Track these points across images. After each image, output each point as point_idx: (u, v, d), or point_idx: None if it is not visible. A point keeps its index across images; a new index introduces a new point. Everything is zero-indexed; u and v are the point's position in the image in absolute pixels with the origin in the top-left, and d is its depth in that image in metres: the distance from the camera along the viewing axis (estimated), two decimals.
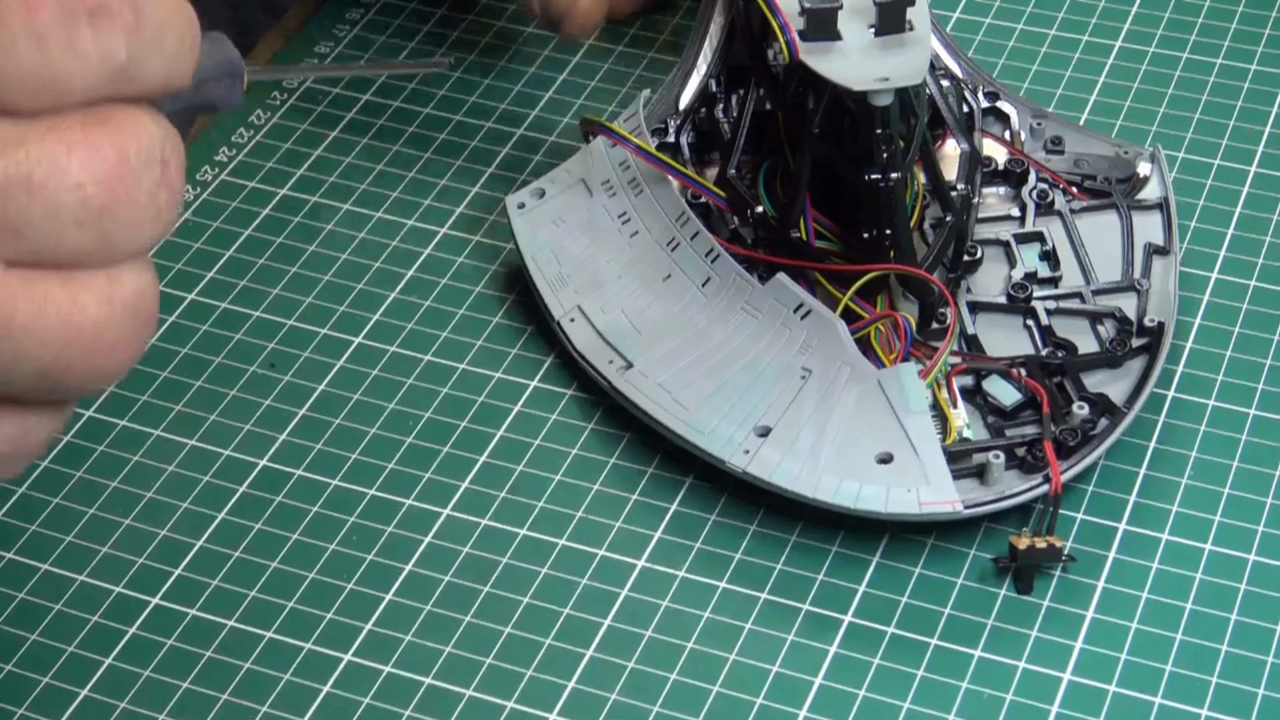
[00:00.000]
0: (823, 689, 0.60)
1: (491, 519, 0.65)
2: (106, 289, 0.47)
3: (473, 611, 0.63)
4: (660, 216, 0.71)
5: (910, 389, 0.64)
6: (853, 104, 0.66)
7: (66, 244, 0.46)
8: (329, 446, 0.68)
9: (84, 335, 0.47)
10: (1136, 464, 0.66)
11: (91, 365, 0.47)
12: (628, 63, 0.82)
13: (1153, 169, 0.73)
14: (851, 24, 0.67)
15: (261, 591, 0.63)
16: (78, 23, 0.45)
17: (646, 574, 0.63)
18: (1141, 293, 0.69)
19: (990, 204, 0.73)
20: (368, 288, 0.73)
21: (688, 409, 0.65)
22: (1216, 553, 0.63)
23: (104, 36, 0.46)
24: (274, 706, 0.60)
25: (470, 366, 0.70)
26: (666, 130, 0.74)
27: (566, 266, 0.71)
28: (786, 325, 0.67)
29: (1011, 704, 0.59)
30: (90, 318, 0.47)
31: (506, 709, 0.60)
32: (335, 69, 0.59)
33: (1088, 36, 0.82)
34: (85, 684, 0.61)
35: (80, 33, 0.45)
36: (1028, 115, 0.75)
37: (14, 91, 0.45)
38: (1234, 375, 0.68)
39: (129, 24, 0.46)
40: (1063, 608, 0.62)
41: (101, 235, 0.46)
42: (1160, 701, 0.59)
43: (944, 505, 0.62)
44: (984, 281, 0.70)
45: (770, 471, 0.63)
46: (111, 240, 0.46)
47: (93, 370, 0.47)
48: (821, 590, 0.63)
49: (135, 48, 0.46)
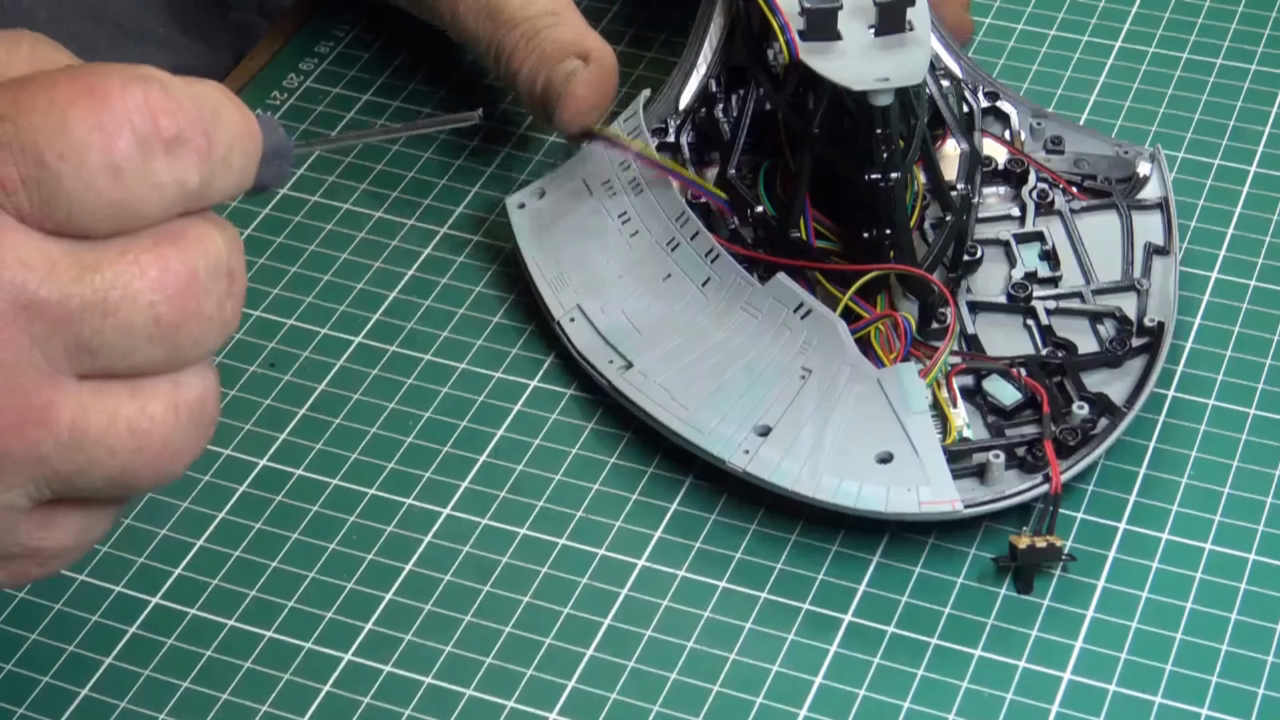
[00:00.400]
0: (823, 688, 0.60)
1: (491, 518, 0.65)
2: (173, 396, 0.48)
3: (473, 611, 0.63)
4: (660, 216, 0.71)
5: (910, 389, 0.64)
6: (853, 104, 0.66)
7: (137, 359, 0.47)
8: (329, 446, 0.68)
9: (152, 443, 0.48)
10: (1136, 464, 0.66)
11: (157, 470, 0.48)
12: (628, 63, 0.82)
13: (1153, 169, 0.73)
14: (851, 24, 0.67)
15: (261, 591, 0.63)
16: (154, 153, 0.46)
17: (646, 573, 0.63)
18: (1141, 293, 0.69)
19: (990, 204, 0.73)
20: (368, 288, 0.73)
21: (688, 409, 0.65)
22: (1216, 552, 0.63)
23: (178, 165, 0.47)
24: (274, 706, 0.60)
25: (470, 366, 0.70)
26: (666, 130, 0.74)
27: (566, 266, 0.71)
28: (786, 325, 0.67)
29: (1011, 703, 0.59)
30: (158, 426, 0.48)
31: (507, 708, 0.60)
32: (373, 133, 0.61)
33: (1088, 36, 0.82)
34: (85, 683, 0.61)
35: (156, 164, 0.46)
36: (1028, 115, 0.75)
37: (90, 219, 0.46)
38: (1234, 375, 0.68)
39: (202, 150, 0.47)
40: (1063, 607, 0.62)
41: (171, 348, 0.47)
42: (1160, 701, 0.59)
43: (944, 505, 0.62)
44: (984, 281, 0.70)
45: (770, 471, 0.63)
46: (180, 352, 0.48)
47: (158, 474, 0.49)
48: (821, 590, 0.63)
49: (207, 171, 0.47)
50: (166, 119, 0.46)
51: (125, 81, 0.46)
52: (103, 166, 0.46)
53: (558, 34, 0.73)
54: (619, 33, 0.83)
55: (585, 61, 0.72)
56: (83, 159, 0.46)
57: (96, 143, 0.46)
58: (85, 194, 0.46)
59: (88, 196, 0.46)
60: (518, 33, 0.74)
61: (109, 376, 0.47)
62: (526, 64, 0.73)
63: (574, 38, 0.73)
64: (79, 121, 0.46)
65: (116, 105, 0.46)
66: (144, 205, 0.47)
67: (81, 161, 0.46)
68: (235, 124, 0.48)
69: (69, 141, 0.46)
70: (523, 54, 0.73)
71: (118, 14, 0.85)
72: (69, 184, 0.46)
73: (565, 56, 0.73)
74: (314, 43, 0.84)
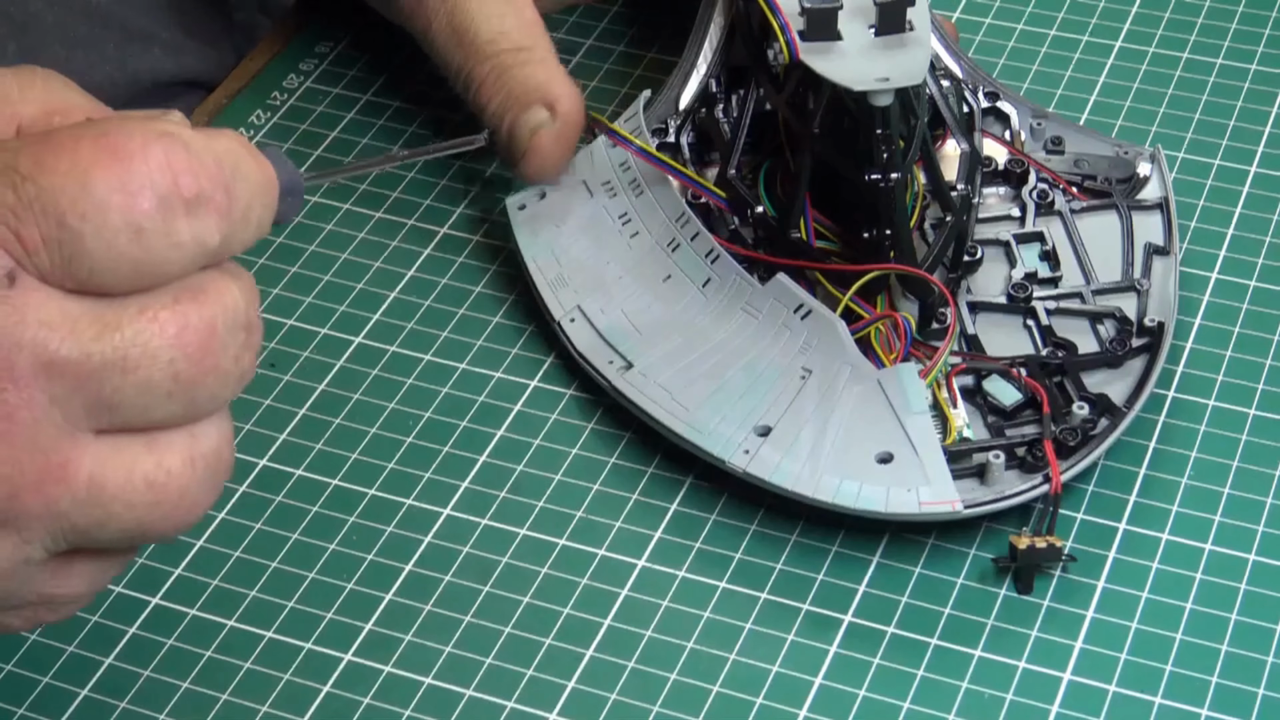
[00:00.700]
0: (823, 689, 0.60)
1: (491, 519, 0.65)
2: (189, 449, 0.49)
3: (473, 611, 0.63)
4: (661, 217, 0.71)
5: (910, 389, 0.64)
6: (853, 104, 0.66)
7: (156, 414, 0.48)
8: (329, 446, 0.68)
9: (169, 496, 0.48)
10: (1136, 464, 0.66)
11: (174, 521, 0.49)
12: (628, 63, 0.82)
13: (1153, 169, 0.73)
14: (852, 24, 0.67)
15: (261, 591, 0.63)
16: (175, 213, 0.47)
17: (646, 574, 0.63)
18: (1141, 293, 0.69)
19: (990, 204, 0.73)
20: (368, 288, 0.73)
21: (688, 409, 0.65)
22: (1216, 552, 0.63)
23: (199, 224, 0.47)
24: (274, 706, 0.60)
25: (470, 366, 0.70)
26: (666, 130, 0.74)
27: (567, 267, 0.71)
28: (787, 326, 0.67)
29: (1011, 704, 0.59)
30: (175, 480, 0.48)
31: (507, 709, 0.60)
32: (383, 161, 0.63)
33: (1088, 36, 0.82)
34: (85, 684, 0.61)
35: (177, 223, 0.47)
36: (1028, 115, 0.75)
37: (111, 278, 0.46)
38: (1234, 375, 0.68)
39: (222, 207, 0.47)
40: (1063, 607, 0.62)
41: (189, 403, 0.48)
42: (1160, 701, 0.59)
43: (944, 505, 0.62)
44: (984, 281, 0.70)
45: (770, 471, 0.63)
46: (197, 406, 0.48)
47: (175, 525, 0.49)
48: (821, 590, 0.63)
49: (227, 228, 0.48)
50: (188, 178, 0.47)
51: (147, 140, 0.47)
52: (124, 227, 0.46)
53: (527, 75, 0.73)
54: (619, 33, 0.83)
55: (552, 111, 0.72)
56: (105, 220, 0.46)
57: (118, 203, 0.46)
58: (107, 254, 0.46)
59: (109, 256, 0.46)
60: (487, 66, 0.73)
61: (126, 431, 0.48)
62: (494, 101, 0.73)
63: (542, 81, 0.73)
64: (101, 182, 0.46)
65: (138, 165, 0.46)
66: (165, 264, 0.47)
67: (103, 222, 0.46)
68: (254, 179, 0.49)
69: (91, 202, 0.46)
70: (490, 89, 0.73)
71: (124, 19, 0.85)
72: (91, 244, 0.46)
73: (532, 102, 0.72)
74: (314, 43, 0.84)
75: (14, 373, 0.46)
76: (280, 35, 0.85)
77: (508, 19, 0.74)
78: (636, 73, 0.81)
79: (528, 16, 0.74)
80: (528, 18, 0.74)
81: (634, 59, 0.82)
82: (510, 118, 0.73)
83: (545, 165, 0.73)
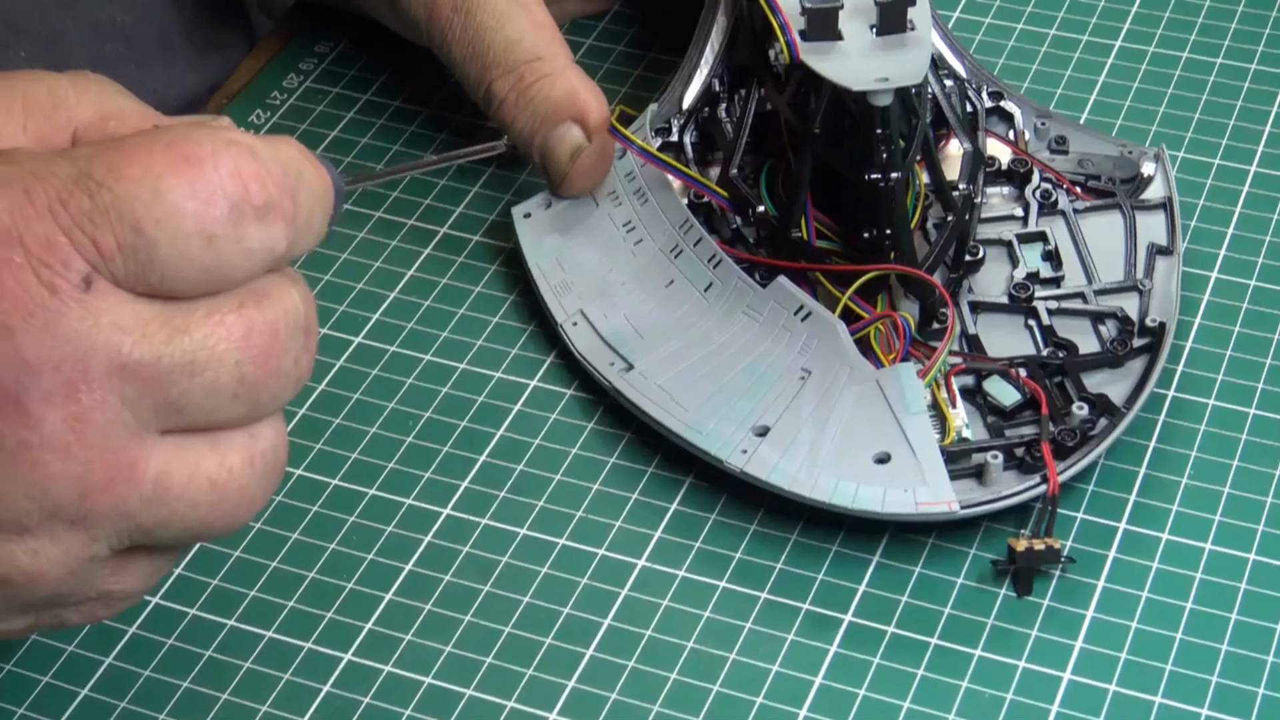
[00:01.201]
0: (823, 688, 0.60)
1: (491, 518, 0.65)
2: (249, 448, 0.50)
3: (473, 611, 0.63)
4: (664, 224, 0.71)
5: (909, 389, 0.64)
6: (853, 104, 0.66)
7: (220, 415, 0.49)
8: (329, 446, 0.68)
9: (230, 494, 0.50)
10: (1136, 464, 0.66)
11: (233, 519, 0.50)
12: (628, 63, 0.82)
13: (1157, 169, 0.73)
14: (852, 24, 0.67)
15: (262, 591, 0.63)
16: (245, 220, 0.48)
17: (646, 573, 0.63)
18: (1144, 293, 0.69)
19: (994, 204, 0.73)
20: (368, 288, 0.73)
21: (687, 409, 0.65)
22: (1216, 552, 0.63)
23: (267, 231, 0.48)
24: (274, 706, 0.60)
25: (470, 366, 0.70)
26: (670, 130, 0.74)
27: (571, 274, 0.71)
28: (787, 327, 0.67)
29: (1011, 704, 0.59)
30: (236, 479, 0.50)
31: (506, 708, 0.60)
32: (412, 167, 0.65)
33: (1088, 36, 0.82)
34: (85, 683, 0.61)
35: (247, 230, 0.48)
36: (1032, 115, 0.75)
37: (182, 284, 0.48)
38: (1234, 375, 0.68)
39: (289, 214, 0.49)
40: (1063, 607, 0.62)
41: (252, 405, 0.49)
42: (1160, 701, 0.59)
43: (940, 505, 0.62)
44: (986, 281, 0.70)
45: (768, 471, 0.63)
46: (259, 407, 0.49)
47: (233, 523, 0.50)
48: (821, 590, 0.63)
49: (293, 234, 0.49)
50: (257, 185, 0.48)
51: (216, 148, 0.48)
52: (197, 233, 0.47)
53: (550, 92, 0.72)
54: (619, 33, 0.83)
55: (583, 125, 0.72)
56: (178, 226, 0.47)
57: (192, 210, 0.47)
58: (179, 260, 0.47)
59: (181, 263, 0.47)
60: (506, 82, 0.73)
61: (190, 431, 0.49)
62: (519, 119, 0.73)
63: (566, 95, 0.72)
64: (175, 189, 0.47)
65: (210, 173, 0.47)
66: (234, 270, 0.48)
67: (177, 229, 0.47)
68: (315, 185, 0.50)
69: (165, 209, 0.47)
70: (513, 107, 0.73)
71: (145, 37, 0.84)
72: (164, 251, 0.47)
73: (561, 119, 0.72)
74: (314, 43, 0.84)
75: (88, 375, 0.47)
76: (280, 35, 0.85)
77: (520, 24, 0.73)
78: (636, 73, 0.81)
79: (539, 19, 0.74)
80: (539, 20, 0.74)
81: (634, 59, 0.82)
82: (540, 137, 0.72)
83: (590, 184, 0.73)
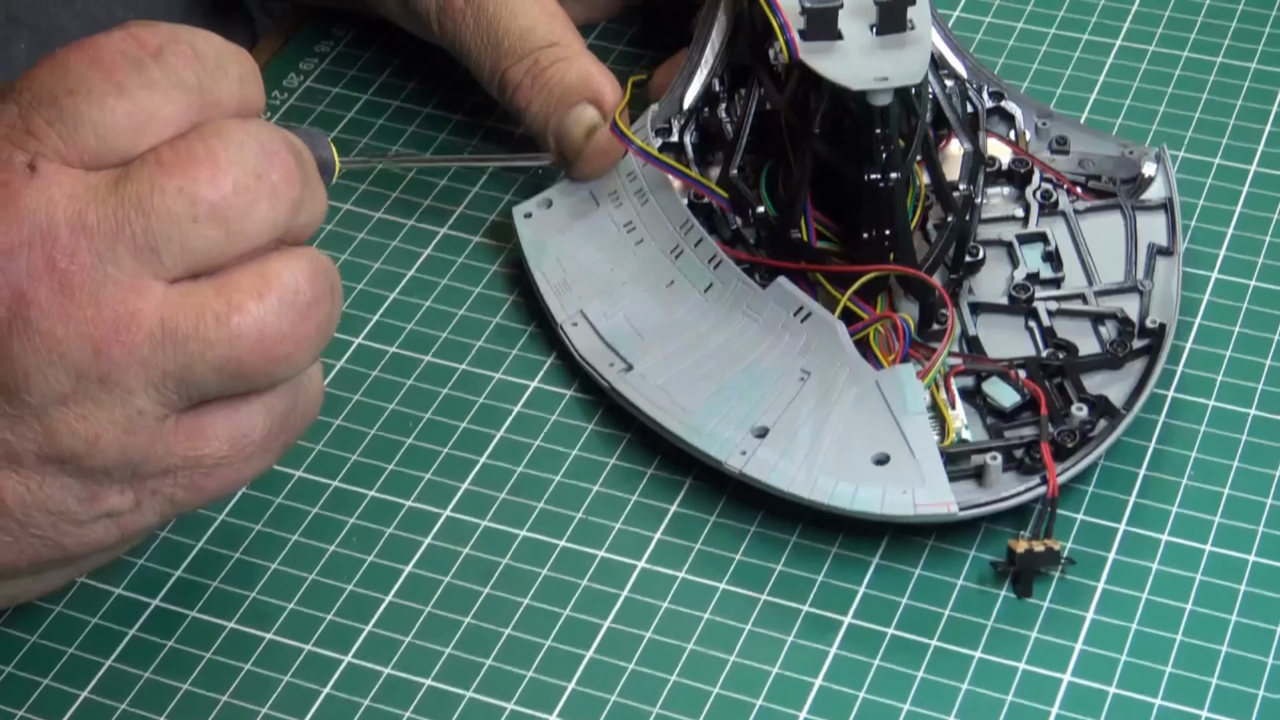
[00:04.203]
0: (823, 690, 0.60)
1: (491, 520, 0.65)
2: (258, 285, 0.54)
3: (473, 613, 0.63)
4: (665, 225, 0.71)
5: (908, 390, 0.64)
6: (852, 104, 0.66)
7: (198, 245, 0.54)
8: (329, 447, 0.68)
9: (246, 332, 0.54)
10: (1136, 465, 0.66)
11: (263, 355, 0.54)
12: (628, 63, 0.82)
13: (1158, 169, 0.73)
14: (852, 23, 0.67)
15: (262, 593, 0.63)
16: (146, 66, 0.54)
17: (646, 575, 0.63)
18: (1144, 294, 0.69)
19: (995, 204, 0.73)
20: (368, 288, 0.73)
21: (686, 410, 0.65)
22: (1216, 554, 0.63)
23: (170, 66, 0.54)
24: (274, 708, 0.60)
25: (470, 367, 0.70)
26: (670, 130, 0.74)
27: (571, 274, 0.71)
28: (786, 328, 0.67)
29: (1011, 705, 0.59)
30: (247, 316, 0.54)
31: (506, 710, 0.60)
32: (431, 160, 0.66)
33: (1088, 36, 0.82)
34: (86, 685, 0.61)
35: (150, 73, 0.53)
36: (1033, 115, 0.74)
37: (113, 134, 0.53)
38: (1234, 375, 0.68)
39: (187, 54, 0.54)
40: (1062, 609, 0.62)
41: (223, 226, 0.54)
42: (1160, 703, 0.59)
43: (939, 507, 0.62)
44: (986, 282, 0.70)
45: (767, 472, 0.63)
46: (232, 227, 0.54)
47: (267, 360, 0.54)
48: (821, 591, 0.63)
49: (197, 67, 0.54)
50: (148, 34, 0.54)
51: (113, 30, 0.54)
52: (109, 88, 0.53)
53: (565, 75, 0.73)
54: (619, 32, 0.83)
55: (599, 106, 0.72)
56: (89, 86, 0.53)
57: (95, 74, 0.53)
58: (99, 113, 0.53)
59: (103, 114, 0.53)
60: (521, 68, 0.73)
61: (194, 277, 0.53)
62: (534, 104, 0.73)
63: (581, 77, 0.73)
64: (75, 62, 0.54)
65: (102, 41, 0.54)
66: (156, 109, 0.54)
67: (89, 89, 0.53)
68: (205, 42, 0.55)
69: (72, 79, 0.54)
70: (527, 92, 0.73)
71: None
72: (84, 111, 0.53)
73: (575, 101, 0.72)
74: (314, 42, 0.84)
75: (59, 243, 0.52)
76: (280, 35, 0.84)
77: (533, 13, 0.74)
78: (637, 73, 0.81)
79: (551, 7, 0.74)
80: (551, 8, 0.74)
81: (634, 58, 0.82)
82: (555, 120, 0.73)
83: (604, 164, 0.73)
